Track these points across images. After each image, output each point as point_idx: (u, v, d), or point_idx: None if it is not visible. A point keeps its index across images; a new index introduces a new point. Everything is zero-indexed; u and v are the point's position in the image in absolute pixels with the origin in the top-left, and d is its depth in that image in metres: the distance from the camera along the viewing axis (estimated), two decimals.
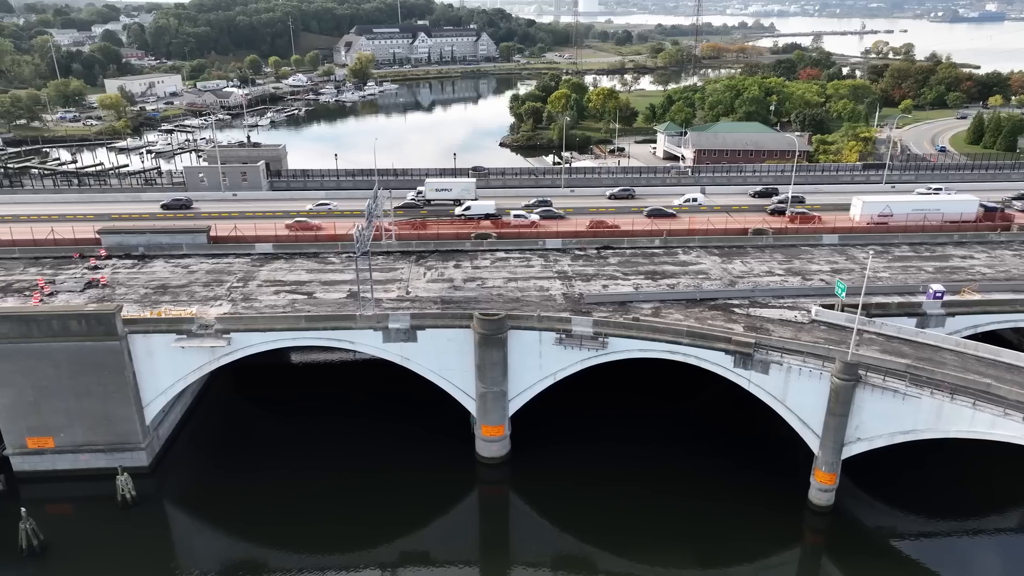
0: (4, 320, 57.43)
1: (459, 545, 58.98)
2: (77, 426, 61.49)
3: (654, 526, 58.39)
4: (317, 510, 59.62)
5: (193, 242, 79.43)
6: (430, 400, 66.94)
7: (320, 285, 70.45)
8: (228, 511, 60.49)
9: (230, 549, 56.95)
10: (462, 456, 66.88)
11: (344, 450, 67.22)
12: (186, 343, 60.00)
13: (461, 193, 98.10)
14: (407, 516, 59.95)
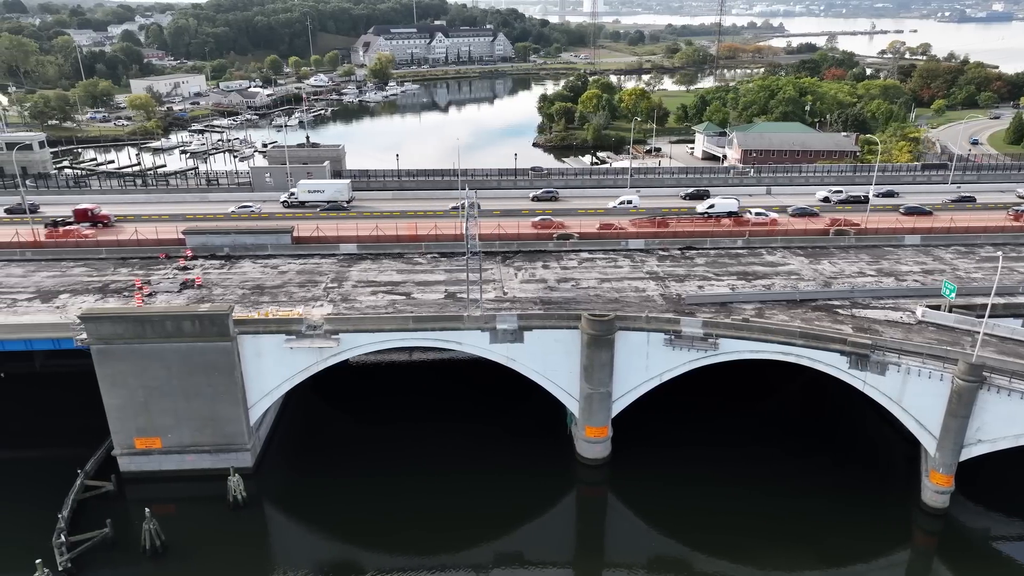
0: (119, 321, 57.50)
1: (555, 546, 58.86)
2: (184, 427, 61.53)
3: (755, 526, 58.12)
4: (411, 510, 59.79)
5: (277, 243, 79.45)
6: (519, 400, 67.04)
7: (415, 286, 70.42)
8: (328, 511, 60.51)
9: (333, 549, 57.08)
10: (558, 457, 67.03)
11: (431, 451, 67.19)
12: (296, 344, 59.98)
13: (334, 195, 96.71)
14: (503, 517, 60.05)
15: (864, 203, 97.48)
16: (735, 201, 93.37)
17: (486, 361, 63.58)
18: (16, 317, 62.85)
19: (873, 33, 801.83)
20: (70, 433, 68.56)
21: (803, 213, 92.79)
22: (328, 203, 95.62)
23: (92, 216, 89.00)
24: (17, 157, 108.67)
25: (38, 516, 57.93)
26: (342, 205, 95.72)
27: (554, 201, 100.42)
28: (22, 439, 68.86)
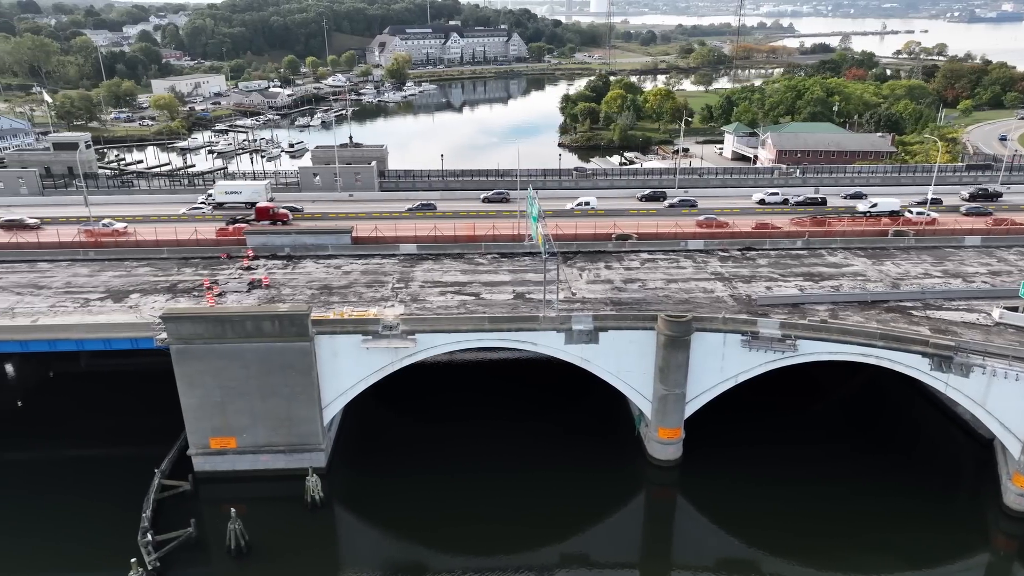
0: (199, 321, 57.57)
1: (622, 548, 58.78)
2: (260, 427, 61.54)
3: (826, 528, 57.62)
4: (475, 509, 59.75)
5: (337, 243, 79.51)
6: (577, 400, 66.89)
7: (482, 286, 70.36)
8: (396, 511, 60.39)
9: (405, 549, 57.07)
10: (625, 457, 67.11)
11: (492, 450, 67.05)
12: (373, 344, 59.93)
13: (251, 196, 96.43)
14: (569, 517, 59.78)
15: (822, 205, 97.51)
16: (896, 201, 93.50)
17: (540, 360, 63.50)
18: (92, 316, 63.00)
19: (884, 33, 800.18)
20: (128, 432, 69.13)
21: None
22: (247, 204, 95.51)
23: (273, 214, 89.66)
24: (64, 157, 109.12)
25: (112, 514, 58.27)
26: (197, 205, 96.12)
27: (505, 203, 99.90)
28: (84, 437, 69.06)
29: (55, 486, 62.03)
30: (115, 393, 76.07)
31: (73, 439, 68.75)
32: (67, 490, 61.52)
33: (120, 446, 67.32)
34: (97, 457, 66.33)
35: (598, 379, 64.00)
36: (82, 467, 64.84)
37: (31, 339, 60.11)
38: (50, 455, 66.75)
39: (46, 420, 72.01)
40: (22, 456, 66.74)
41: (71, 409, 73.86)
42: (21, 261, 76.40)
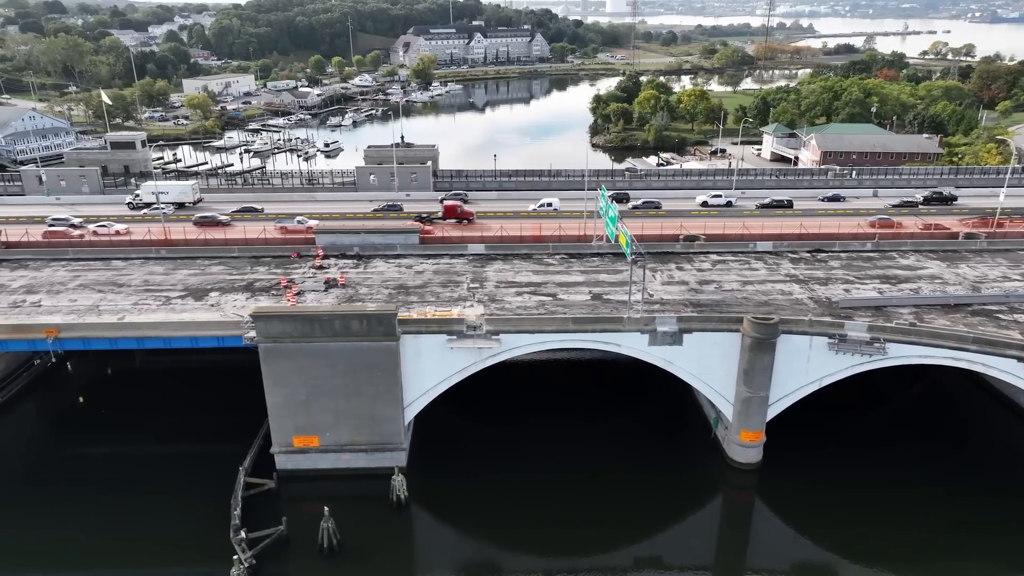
0: (288, 320, 57.81)
1: (697, 551, 58.29)
2: (343, 426, 61.72)
3: (908, 536, 56.72)
4: (551, 510, 59.55)
5: (406, 242, 79.64)
6: (644, 401, 66.48)
7: (557, 287, 70.23)
8: (473, 511, 60.36)
9: (484, 549, 57.06)
10: (700, 460, 66.95)
11: (564, 451, 66.91)
12: (457, 344, 59.97)
13: (179, 196, 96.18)
14: (643, 519, 59.63)
15: (788, 207, 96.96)
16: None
17: (600, 360, 63.01)
18: (176, 315, 63.45)
19: (906, 34, 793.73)
20: (198, 429, 69.96)
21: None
22: (174, 204, 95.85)
23: (459, 212, 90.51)
24: (120, 156, 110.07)
25: (198, 510, 58.93)
26: (188, 206, 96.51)
27: (464, 203, 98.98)
28: (157, 434, 69.63)
29: (141, 481, 62.52)
30: (176, 390, 76.62)
31: (148, 435, 69.37)
32: (153, 485, 62.03)
33: (192, 443, 68.07)
34: (174, 454, 66.81)
35: (662, 380, 63.93)
36: (163, 463, 65.41)
37: (120, 336, 60.60)
38: (128, 451, 67.28)
39: (118, 416, 72.57)
40: (106, 451, 67.31)
41: (137, 406, 74.36)
42: (96, 259, 77.11)
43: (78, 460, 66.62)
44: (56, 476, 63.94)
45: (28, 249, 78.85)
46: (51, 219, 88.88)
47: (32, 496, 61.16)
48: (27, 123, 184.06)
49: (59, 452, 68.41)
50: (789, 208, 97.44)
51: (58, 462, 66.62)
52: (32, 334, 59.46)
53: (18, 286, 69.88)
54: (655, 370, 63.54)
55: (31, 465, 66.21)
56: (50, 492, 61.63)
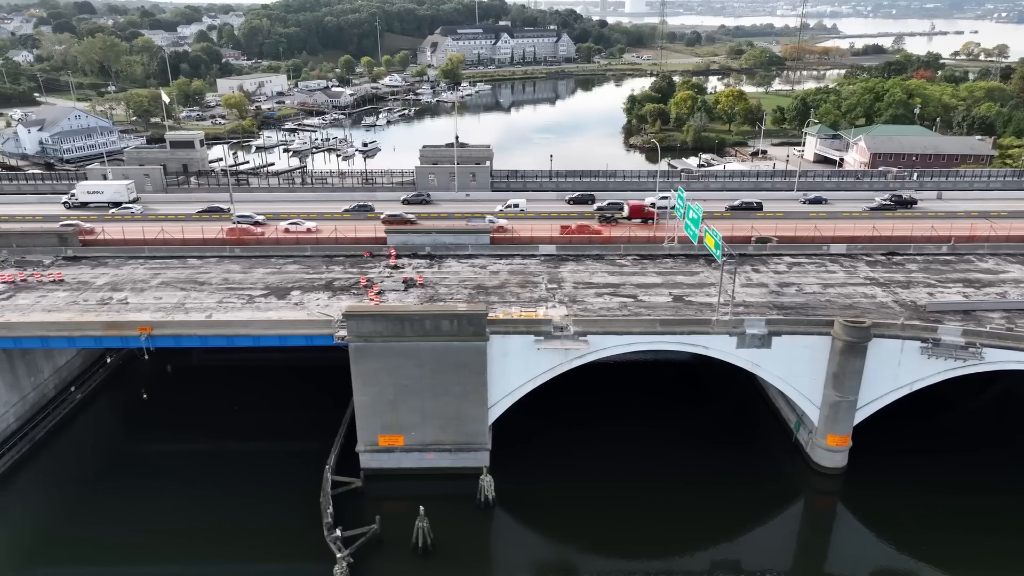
0: (380, 319, 57.99)
1: (777, 556, 57.91)
2: (428, 425, 61.84)
3: (1005, 544, 55.83)
4: (631, 510, 59.58)
5: (477, 242, 79.69)
6: (719, 403, 65.94)
7: (635, 288, 69.96)
8: (554, 511, 60.33)
9: (565, 551, 57.13)
10: (781, 463, 66.80)
11: (640, 452, 66.71)
12: (545, 345, 59.88)
13: (113, 196, 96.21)
14: (721, 522, 59.38)
15: (758, 209, 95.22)
16: None
17: (664, 361, 62.27)
18: (261, 313, 63.86)
19: (933, 34, 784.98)
20: (271, 426, 70.50)
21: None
22: (109, 204, 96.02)
23: (645, 212, 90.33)
24: (180, 155, 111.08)
25: (283, 507, 59.52)
26: (125, 206, 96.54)
27: (426, 204, 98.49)
28: (230, 430, 70.52)
29: (221, 477, 63.36)
30: (238, 388, 77.07)
31: (220, 432, 70.20)
32: (234, 481, 62.81)
33: (263, 439, 68.92)
34: (249, 451, 67.68)
35: (725, 382, 63.00)
36: (239, 459, 66.20)
37: (211, 334, 61.03)
38: (201, 447, 68.27)
39: (185, 413, 73.06)
40: (180, 448, 68.25)
41: (201, 403, 74.91)
42: (170, 257, 77.82)
43: (157, 456, 67.44)
44: (138, 471, 64.74)
45: (106, 247, 79.68)
46: (236, 216, 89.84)
47: (112, 490, 62.08)
48: (72, 122, 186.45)
49: (139, 448, 69.26)
50: (759, 211, 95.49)
51: (139, 457, 67.46)
52: (126, 331, 60.04)
53: (102, 283, 70.71)
54: (717, 372, 63.25)
55: (112, 460, 67.11)
56: (130, 486, 62.57)
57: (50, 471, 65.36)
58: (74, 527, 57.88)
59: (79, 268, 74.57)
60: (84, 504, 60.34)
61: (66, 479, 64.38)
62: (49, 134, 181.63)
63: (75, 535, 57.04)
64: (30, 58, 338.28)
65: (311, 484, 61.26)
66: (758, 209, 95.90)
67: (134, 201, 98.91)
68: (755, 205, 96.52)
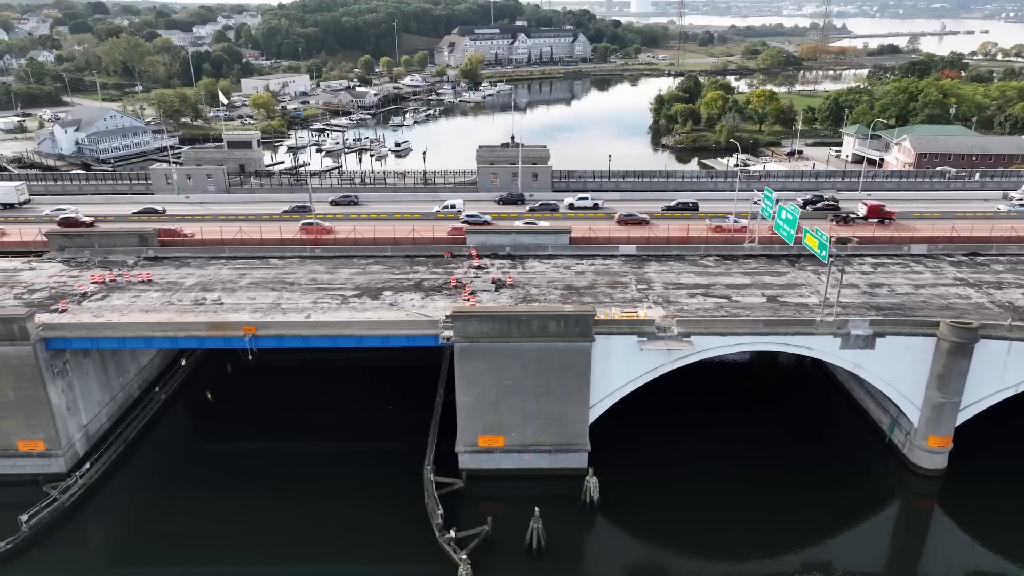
0: (487, 320, 57.85)
1: (872, 558, 57.26)
2: (529, 426, 61.66)
3: None
4: (723, 511, 59.66)
5: (556, 243, 79.54)
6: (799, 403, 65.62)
7: (726, 288, 69.79)
8: (655, 511, 60.30)
9: (664, 552, 57.07)
10: (874, 464, 66.86)
11: (731, 453, 66.66)
12: (649, 345, 59.74)
13: (3, 197, 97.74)
14: (816, 523, 59.27)
15: (694, 209, 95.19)
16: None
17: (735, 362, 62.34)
18: (360, 314, 63.71)
19: (944, 34, 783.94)
20: (345, 427, 70.83)
21: None
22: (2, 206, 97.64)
23: (883, 212, 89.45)
24: (237, 155, 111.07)
25: (388, 506, 59.71)
26: (15, 207, 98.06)
27: (354, 205, 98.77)
28: (308, 431, 70.37)
29: (322, 478, 63.25)
30: (307, 388, 77.39)
31: (304, 432, 70.08)
32: (334, 482, 62.78)
33: (351, 440, 69.05)
34: (341, 451, 67.58)
35: (803, 382, 62.55)
36: (334, 460, 66.17)
37: (313, 335, 60.83)
38: (283, 448, 68.10)
39: (262, 413, 73.10)
40: (273, 447, 68.21)
41: (272, 403, 74.71)
42: (251, 257, 77.79)
43: (245, 456, 67.38)
44: (229, 470, 64.72)
45: (185, 247, 79.68)
46: (465, 216, 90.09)
47: (207, 489, 62.12)
48: (108, 123, 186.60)
49: (225, 447, 69.20)
50: (695, 211, 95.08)
51: (228, 456, 67.34)
52: (230, 331, 60.03)
53: (191, 284, 70.68)
54: (781, 373, 62.67)
55: (202, 460, 67.03)
56: (225, 486, 62.58)
57: (146, 470, 65.29)
58: (179, 527, 57.80)
59: (164, 268, 74.55)
60: (185, 504, 60.30)
61: (162, 478, 64.26)
62: (85, 134, 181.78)
63: (183, 534, 56.98)
64: (51, 58, 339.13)
65: (405, 484, 61.83)
66: (694, 209, 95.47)
67: (25, 203, 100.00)
68: (691, 205, 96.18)
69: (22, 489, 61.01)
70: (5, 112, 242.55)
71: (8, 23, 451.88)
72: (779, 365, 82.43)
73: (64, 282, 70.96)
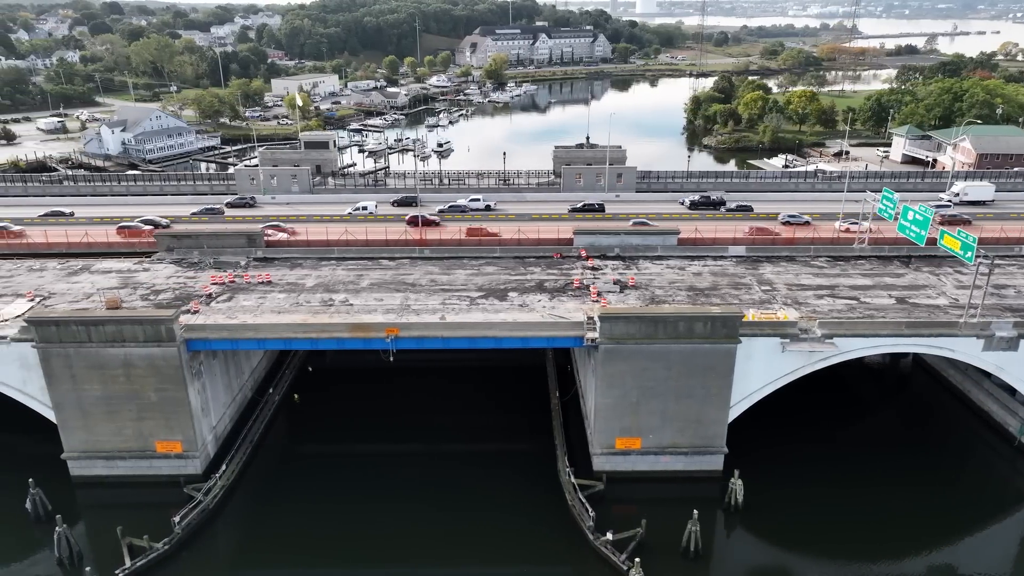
0: (634, 321, 57.54)
1: (999, 563, 57.19)
2: (668, 428, 61.35)
3: None
4: (852, 516, 59.07)
5: (665, 243, 79.27)
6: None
7: (849, 289, 69.48)
8: (792, 514, 59.82)
9: (812, 557, 56.49)
10: (1000, 467, 66.42)
11: (844, 455, 66.46)
12: (793, 347, 59.45)
13: None
14: (940, 527, 58.99)
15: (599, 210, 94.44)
16: None
17: None
18: (492, 315, 63.33)
19: (955, 34, 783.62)
20: (466, 428, 70.55)
21: None
22: None
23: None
24: (313, 155, 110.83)
25: (521, 509, 59.80)
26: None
27: (249, 208, 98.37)
28: (422, 432, 70.15)
29: (455, 479, 63.24)
30: (399, 389, 76.37)
31: (421, 433, 69.82)
32: (470, 483, 62.76)
33: (470, 442, 68.69)
34: (464, 452, 67.34)
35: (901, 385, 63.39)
36: (461, 461, 66.09)
37: (454, 336, 60.39)
38: (416, 449, 67.85)
39: (364, 414, 73.06)
40: (395, 448, 68.03)
41: (371, 405, 74.48)
42: (361, 258, 77.49)
43: (367, 457, 67.04)
44: (355, 472, 64.54)
45: (292, 248, 79.48)
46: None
47: (340, 491, 61.94)
48: (153, 123, 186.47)
49: (344, 448, 68.71)
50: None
51: (349, 458, 66.93)
52: (372, 333, 59.70)
53: (312, 285, 70.38)
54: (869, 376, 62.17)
55: (327, 460, 66.41)
56: (355, 487, 62.42)
57: (270, 471, 64.77)
58: (314, 529, 57.58)
59: (277, 269, 74.23)
60: (314, 507, 59.88)
61: (287, 479, 63.66)
62: (132, 135, 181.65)
63: (321, 538, 56.86)
64: (75, 58, 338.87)
65: (534, 485, 62.14)
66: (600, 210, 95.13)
67: None
68: (596, 207, 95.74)
69: (159, 491, 61.04)
70: (41, 112, 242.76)
71: (28, 23, 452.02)
72: (867, 366, 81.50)
73: (183, 283, 70.76)
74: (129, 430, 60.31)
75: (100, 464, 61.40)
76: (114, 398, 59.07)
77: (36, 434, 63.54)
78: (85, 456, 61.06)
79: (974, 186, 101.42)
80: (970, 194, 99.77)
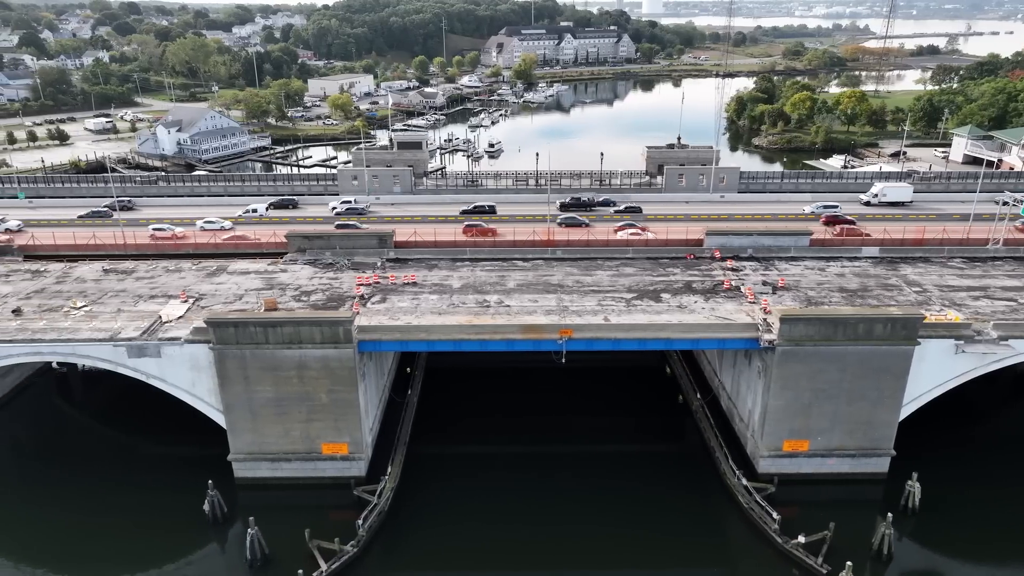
0: (815, 322, 57.07)
1: None
2: (837, 430, 60.86)
3: None
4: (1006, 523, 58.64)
5: (797, 244, 78.78)
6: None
7: (1002, 291, 68.97)
8: (965, 517, 59.03)
9: (986, 562, 55.87)
10: None
11: (982, 459, 65.79)
12: (968, 349, 59.01)
13: None
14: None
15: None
16: None
17: None
18: (656, 316, 62.81)
19: (968, 35, 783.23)
20: (582, 428, 70.47)
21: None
22: None
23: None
24: (406, 156, 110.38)
25: (684, 512, 59.74)
26: None
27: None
28: (543, 433, 70.02)
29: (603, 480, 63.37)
30: (499, 389, 76.45)
31: (543, 434, 69.74)
32: (621, 485, 62.74)
33: (599, 443, 68.41)
34: (598, 453, 67.13)
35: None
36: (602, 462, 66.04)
37: (639, 337, 60.14)
38: (545, 450, 67.65)
39: (476, 415, 72.89)
40: (527, 450, 67.72)
41: (478, 406, 74.49)
42: (493, 259, 76.97)
43: (510, 458, 66.52)
44: (504, 473, 64.43)
45: (421, 248, 79.10)
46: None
47: (475, 495, 61.67)
48: (208, 123, 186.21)
49: (488, 449, 68.24)
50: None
51: (494, 459, 66.52)
52: (546, 334, 59.31)
53: (460, 286, 69.86)
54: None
55: (476, 462, 66.10)
56: (509, 490, 62.28)
57: (422, 472, 64.13)
58: (478, 530, 57.64)
59: (417, 270, 73.75)
60: (471, 509, 59.72)
61: (442, 481, 63.08)
62: (188, 135, 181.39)
63: (483, 540, 57.05)
64: (105, 58, 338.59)
65: (690, 487, 62.50)
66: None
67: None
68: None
69: (323, 492, 60.69)
70: (84, 113, 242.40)
71: (52, 24, 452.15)
72: None
73: (328, 284, 70.33)
74: (297, 432, 59.95)
75: (265, 466, 61.10)
76: (284, 400, 58.71)
77: (190, 435, 63.54)
78: (251, 458, 60.71)
79: (893, 187, 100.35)
80: (889, 195, 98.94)
